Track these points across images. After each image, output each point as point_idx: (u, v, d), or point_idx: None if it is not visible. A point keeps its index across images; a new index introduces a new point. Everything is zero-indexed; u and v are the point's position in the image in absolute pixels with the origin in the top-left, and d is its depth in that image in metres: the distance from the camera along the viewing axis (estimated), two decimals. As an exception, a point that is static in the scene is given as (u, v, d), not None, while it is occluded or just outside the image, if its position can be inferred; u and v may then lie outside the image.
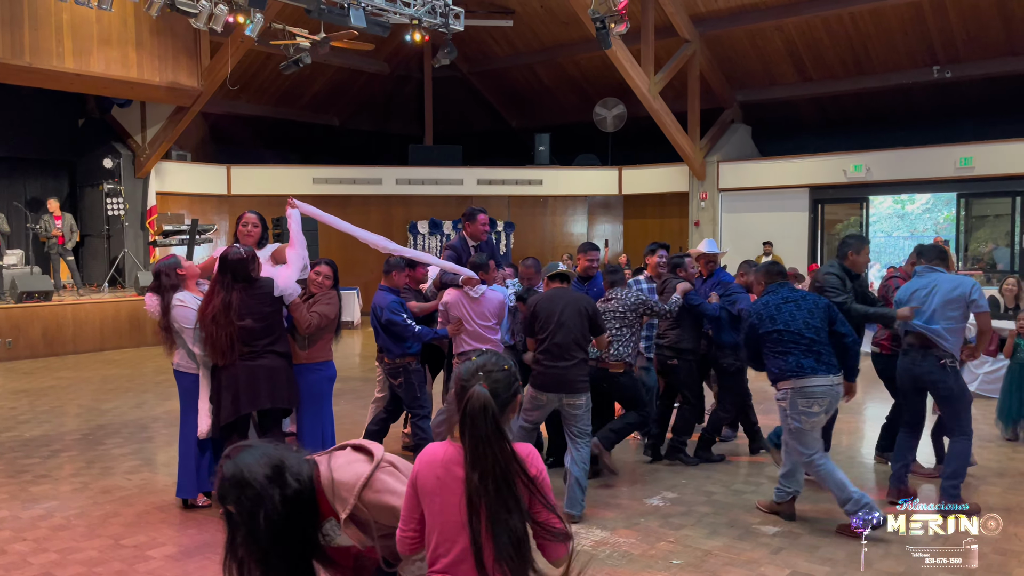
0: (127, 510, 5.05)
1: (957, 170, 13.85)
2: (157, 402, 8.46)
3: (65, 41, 11.58)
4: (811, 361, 4.62)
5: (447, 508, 2.12)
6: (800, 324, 4.69)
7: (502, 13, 16.74)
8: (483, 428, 2.07)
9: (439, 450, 2.19)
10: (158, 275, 4.93)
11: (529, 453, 2.18)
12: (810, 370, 4.60)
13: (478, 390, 2.10)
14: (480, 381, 2.14)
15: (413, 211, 17.43)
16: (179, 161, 15.78)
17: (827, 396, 4.61)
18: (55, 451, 6.53)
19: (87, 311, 12.30)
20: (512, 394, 2.20)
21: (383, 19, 10.11)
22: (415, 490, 2.18)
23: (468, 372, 2.19)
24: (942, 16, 13.64)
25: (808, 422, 4.61)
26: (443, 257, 6.15)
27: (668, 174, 17.07)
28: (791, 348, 4.67)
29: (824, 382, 4.59)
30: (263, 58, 15.86)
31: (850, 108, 16.46)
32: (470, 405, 2.09)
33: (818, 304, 4.79)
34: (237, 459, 2.27)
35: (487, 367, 2.19)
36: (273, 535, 2.22)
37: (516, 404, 2.22)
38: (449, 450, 2.16)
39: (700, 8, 15.05)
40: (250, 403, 4.70)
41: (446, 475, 2.13)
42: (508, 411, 2.18)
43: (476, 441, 2.07)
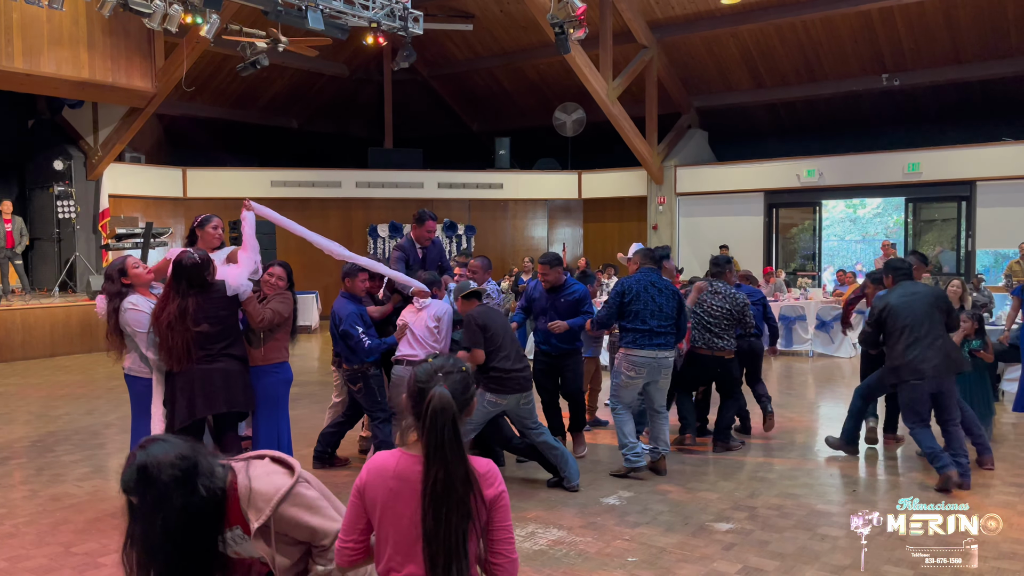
0: (78, 517, 4.97)
1: (905, 175, 14.25)
2: (109, 408, 8.31)
3: (15, 40, 11.32)
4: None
5: (400, 521, 2.05)
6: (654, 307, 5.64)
7: (462, 17, 16.77)
8: (443, 429, 2.01)
9: (390, 460, 2.10)
10: (106, 278, 4.84)
11: (489, 470, 2.11)
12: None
13: (439, 391, 2.04)
14: (440, 382, 2.09)
15: (373, 214, 17.35)
16: (133, 163, 15.50)
17: (647, 366, 5.61)
18: (3, 459, 6.37)
19: (37, 316, 12.02)
20: (469, 396, 2.16)
21: (342, 22, 10.07)
22: (361, 500, 2.10)
23: (426, 374, 2.13)
24: (890, 25, 14.03)
25: (626, 382, 5.65)
26: (393, 257, 6.31)
27: (627, 178, 17.25)
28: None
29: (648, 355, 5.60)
30: (220, 59, 15.67)
31: (803, 114, 16.83)
32: (431, 406, 2.02)
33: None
34: (149, 450, 2.16)
35: (446, 368, 2.14)
36: (168, 538, 2.13)
37: (471, 407, 2.18)
38: (403, 459, 2.08)
39: (657, 14, 15.26)
40: (206, 407, 4.65)
41: (400, 486, 2.05)
42: (464, 413, 2.14)
43: (436, 443, 2.01)
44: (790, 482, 5.62)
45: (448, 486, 1.98)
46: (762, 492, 5.39)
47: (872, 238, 21.09)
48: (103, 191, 14.72)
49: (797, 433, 7.08)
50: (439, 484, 1.98)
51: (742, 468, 6.00)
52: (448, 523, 1.97)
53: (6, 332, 11.62)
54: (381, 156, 17.94)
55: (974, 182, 13.74)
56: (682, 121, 17.27)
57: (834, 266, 18.91)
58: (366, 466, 2.13)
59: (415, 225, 6.43)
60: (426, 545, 1.98)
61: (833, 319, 11.55)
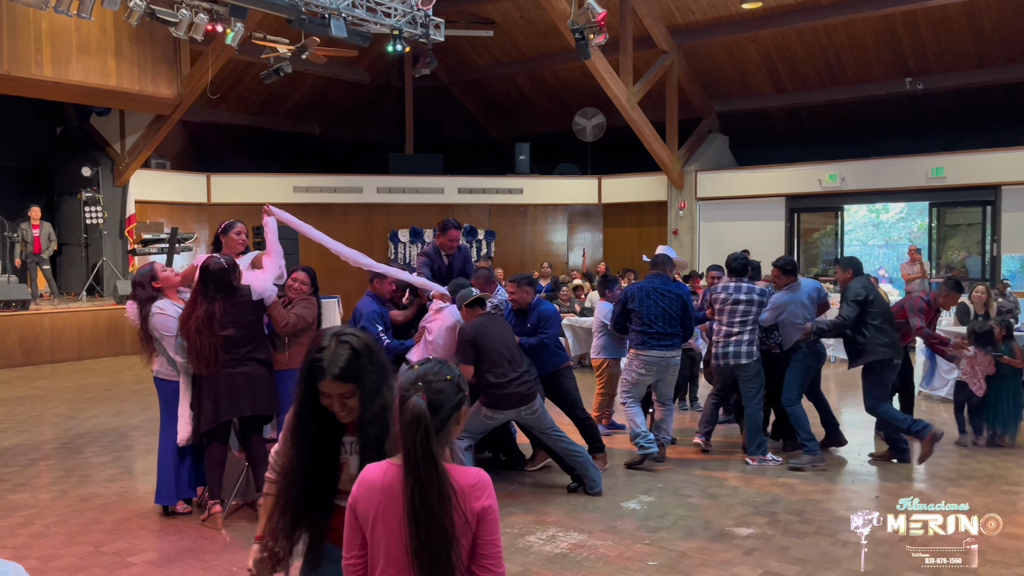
0: (107, 517, 5.06)
1: (929, 180, 14.13)
2: (136, 411, 8.44)
3: (44, 49, 11.54)
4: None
5: (390, 537, 1.96)
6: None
7: (482, 24, 16.87)
8: (416, 442, 1.90)
9: (378, 473, 2.00)
10: (135, 285, 4.95)
11: (477, 482, 1.97)
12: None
13: (416, 401, 1.92)
14: (419, 392, 1.95)
15: (394, 220, 17.47)
16: (158, 170, 15.73)
17: (656, 364, 6.09)
18: (33, 460, 6.51)
19: (65, 320, 12.22)
20: (455, 406, 2.00)
21: (364, 29, 10.19)
22: (355, 515, 2.02)
23: (408, 381, 1.99)
24: (913, 29, 13.93)
25: (637, 379, 6.14)
26: (417, 263, 6.38)
27: (647, 183, 17.24)
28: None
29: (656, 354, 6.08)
30: (243, 67, 15.87)
31: (825, 119, 16.74)
32: (405, 417, 1.92)
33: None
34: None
35: (427, 376, 1.99)
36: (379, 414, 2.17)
37: (460, 417, 2.02)
38: (389, 471, 1.97)
39: (677, 19, 15.27)
40: (231, 410, 4.74)
41: (386, 500, 1.95)
42: (450, 425, 1.99)
43: (409, 456, 1.91)
44: (811, 487, 5.61)
45: (424, 500, 1.90)
46: (783, 498, 5.38)
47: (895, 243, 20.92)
48: (129, 197, 14.95)
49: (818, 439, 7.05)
50: (416, 498, 1.90)
51: (762, 473, 5.99)
52: (429, 538, 1.90)
53: (35, 336, 11.83)
54: (402, 162, 18.07)
55: (999, 186, 13.59)
56: (702, 126, 17.24)
57: (857, 271, 18.74)
58: (357, 481, 2.04)
59: (439, 233, 6.45)
60: (412, 559, 1.92)
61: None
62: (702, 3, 14.74)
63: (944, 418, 7.91)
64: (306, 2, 9.13)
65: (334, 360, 2.14)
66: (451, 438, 2.00)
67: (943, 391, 8.67)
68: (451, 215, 7.15)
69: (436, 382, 1.99)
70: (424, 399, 1.94)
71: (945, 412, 8.16)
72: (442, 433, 1.96)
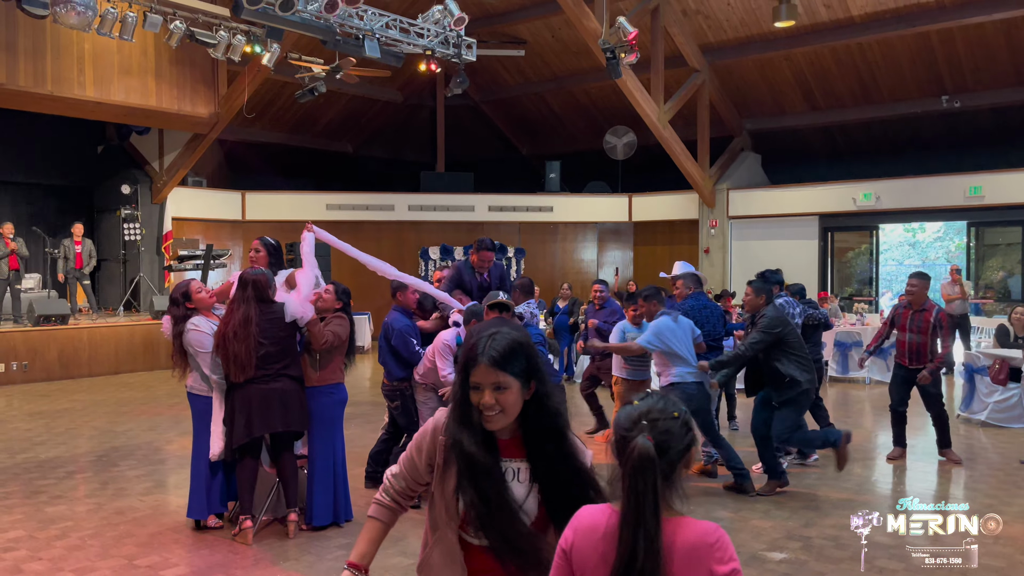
0: (140, 531, 5.13)
1: (967, 199, 13.89)
2: (170, 425, 8.56)
3: (87, 70, 11.85)
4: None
5: None
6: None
7: (514, 43, 17.00)
8: (643, 492, 1.68)
9: (600, 517, 1.78)
10: (172, 301, 5.04)
11: (717, 540, 1.71)
12: None
13: (641, 443, 1.70)
14: (643, 431, 1.73)
15: (425, 237, 17.59)
16: (195, 187, 16.02)
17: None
18: (70, 472, 6.62)
19: (102, 334, 12.46)
20: (685, 447, 1.76)
21: (397, 49, 10.32)
22: (568, 563, 1.79)
23: (629, 420, 1.77)
24: (950, 46, 13.77)
25: None
26: (446, 276, 6.60)
27: (678, 201, 17.18)
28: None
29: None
30: (279, 86, 16.15)
31: (859, 137, 16.57)
32: (630, 461, 1.70)
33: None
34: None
35: (652, 414, 1.76)
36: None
37: (690, 459, 1.78)
38: (612, 518, 1.76)
39: (709, 38, 15.25)
40: (263, 426, 4.79)
41: (611, 551, 1.73)
42: (679, 469, 1.75)
43: (632, 506, 1.70)
44: (846, 511, 5.50)
45: (651, 558, 1.67)
46: (816, 522, 5.29)
47: (932, 262, 20.57)
48: (167, 214, 15.25)
49: (855, 462, 6.92)
50: (640, 554, 1.67)
51: (796, 496, 5.90)
52: None
53: (74, 350, 12.07)
54: (433, 180, 18.21)
55: (1039, 206, 13.33)
56: (734, 144, 17.15)
57: (892, 291, 18.49)
58: (572, 524, 1.81)
59: (474, 252, 6.59)
60: None
61: (891, 346, 11.24)
62: (734, 22, 14.72)
63: (983, 442, 7.74)
64: (341, 23, 9.28)
65: (492, 344, 1.97)
66: (680, 484, 1.76)
67: (982, 415, 8.49)
68: (481, 233, 7.30)
69: (662, 420, 1.75)
70: (651, 440, 1.72)
71: (984, 436, 7.99)
72: (671, 479, 1.74)
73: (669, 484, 1.72)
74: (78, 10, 9.20)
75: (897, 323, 7.01)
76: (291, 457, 5.04)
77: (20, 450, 7.38)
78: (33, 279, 13.56)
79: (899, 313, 6.98)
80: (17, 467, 6.76)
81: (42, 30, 11.12)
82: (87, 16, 9.33)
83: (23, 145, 14.52)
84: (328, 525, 5.08)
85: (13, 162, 14.61)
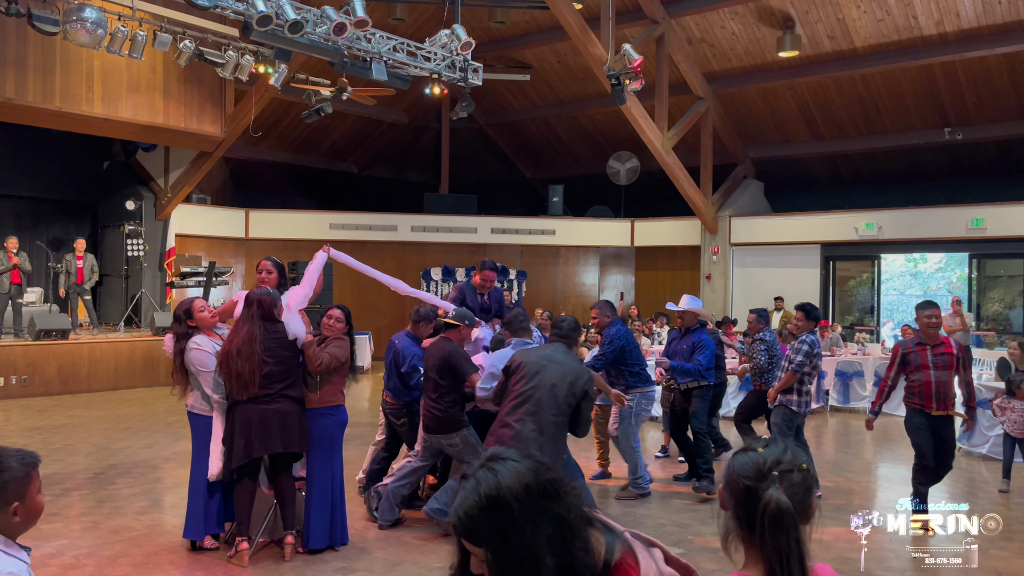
0: (136, 550, 5.09)
1: (969, 231, 13.93)
2: (168, 443, 8.52)
3: (95, 87, 11.93)
4: None
5: None
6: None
7: (520, 68, 17.13)
8: (789, 548, 1.58)
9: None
10: (175, 318, 5.04)
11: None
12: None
13: (775, 496, 1.59)
14: (775, 483, 1.61)
15: (427, 258, 17.62)
16: (199, 204, 16.08)
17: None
18: (66, 489, 6.58)
19: (103, 350, 12.44)
20: (810, 502, 1.66)
21: (404, 72, 10.39)
22: None
23: (755, 470, 1.64)
24: (953, 80, 13.87)
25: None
26: (450, 296, 6.77)
27: (680, 227, 17.22)
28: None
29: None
30: (285, 106, 16.26)
31: (862, 167, 16.65)
32: (769, 515, 1.58)
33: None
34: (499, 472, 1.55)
35: (782, 465, 1.63)
36: None
37: (812, 512, 1.67)
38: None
39: (714, 66, 15.36)
40: (262, 447, 4.77)
41: None
42: (802, 522, 1.65)
43: (782, 563, 1.59)
44: (847, 545, 5.45)
45: None
46: (817, 554, 5.22)
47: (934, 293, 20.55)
48: (170, 230, 15.28)
49: (854, 494, 6.89)
50: None
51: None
52: None
53: (73, 365, 12.04)
54: (437, 201, 18.28)
55: (1041, 239, 13.36)
56: (737, 171, 17.23)
57: (893, 321, 18.47)
58: None
59: (476, 271, 6.77)
60: None
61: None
62: (738, 51, 14.84)
63: (985, 476, 7.70)
64: (349, 46, 9.35)
65: (459, 505, 1.52)
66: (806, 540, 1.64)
67: (983, 448, 8.44)
68: (484, 255, 7.45)
69: (793, 472, 1.63)
70: (783, 491, 1.60)
71: (986, 470, 7.94)
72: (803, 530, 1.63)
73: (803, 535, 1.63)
74: (88, 28, 9.28)
75: (914, 362, 5.84)
76: (289, 478, 5.01)
77: (17, 465, 7.33)
78: (35, 293, 13.57)
79: (912, 351, 5.87)
80: (13, 483, 6.71)
81: (52, 46, 11.22)
82: (97, 34, 9.40)
83: (30, 160, 14.61)
84: (324, 548, 5.04)
85: (19, 176, 14.68)
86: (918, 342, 5.89)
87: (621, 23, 13.90)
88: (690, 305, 7.07)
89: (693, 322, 7.02)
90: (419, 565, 4.93)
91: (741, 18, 14.06)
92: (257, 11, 7.97)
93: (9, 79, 10.93)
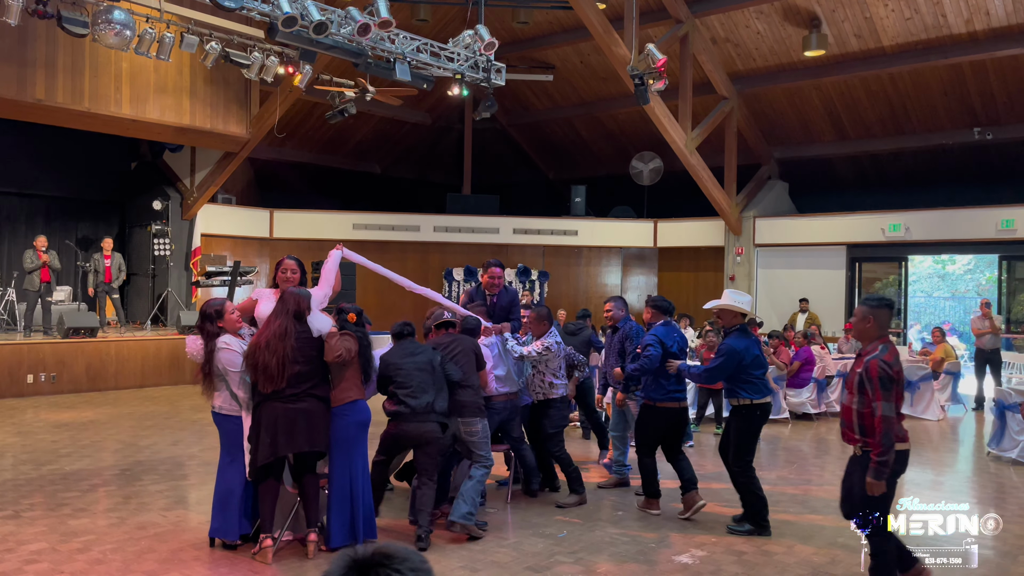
0: (162, 546, 5.14)
1: (999, 232, 13.71)
2: (193, 440, 8.61)
3: (123, 88, 12.09)
4: None
5: None
6: None
7: (543, 68, 17.12)
8: None
9: None
10: (204, 317, 5.05)
11: None
12: None
13: None
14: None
15: (449, 258, 17.65)
16: (224, 204, 16.24)
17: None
18: (94, 485, 6.67)
19: (130, 348, 12.60)
20: None
21: (427, 73, 10.42)
22: None
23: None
24: (982, 79, 13.66)
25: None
26: (461, 301, 6.89)
27: (704, 228, 17.12)
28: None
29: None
30: (309, 107, 16.37)
31: (888, 167, 16.44)
32: None
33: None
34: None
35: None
36: None
37: None
38: None
39: (738, 66, 15.25)
40: (288, 445, 4.80)
41: None
42: None
43: None
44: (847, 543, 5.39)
45: None
46: (842, 560, 5.18)
47: (963, 295, 20.28)
48: (196, 230, 15.46)
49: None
50: None
51: (821, 532, 5.79)
52: None
53: (101, 363, 12.21)
54: (459, 202, 18.31)
55: (1073, 240, 13.12)
56: (762, 172, 17.09)
57: (920, 323, 18.23)
58: None
59: (483, 273, 6.84)
60: None
61: (920, 379, 11.09)
62: (763, 51, 14.72)
63: (1015, 481, 7.56)
64: (373, 47, 9.39)
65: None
66: None
67: (1013, 452, 8.30)
68: (506, 255, 7.53)
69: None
70: None
71: (1015, 474, 7.81)
72: None
73: None
74: (117, 30, 9.41)
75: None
76: (314, 477, 5.03)
77: (45, 462, 7.45)
78: (64, 292, 13.78)
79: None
80: (42, 479, 6.82)
81: (81, 48, 11.37)
82: (125, 36, 9.53)
83: (59, 160, 14.84)
84: (345, 546, 5.06)
85: (49, 176, 14.93)
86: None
87: (645, 23, 13.85)
88: (733, 299, 5.85)
89: (732, 322, 5.82)
90: (440, 564, 4.94)
91: (766, 17, 13.95)
92: (282, 12, 8.03)
93: (39, 80, 11.11)
